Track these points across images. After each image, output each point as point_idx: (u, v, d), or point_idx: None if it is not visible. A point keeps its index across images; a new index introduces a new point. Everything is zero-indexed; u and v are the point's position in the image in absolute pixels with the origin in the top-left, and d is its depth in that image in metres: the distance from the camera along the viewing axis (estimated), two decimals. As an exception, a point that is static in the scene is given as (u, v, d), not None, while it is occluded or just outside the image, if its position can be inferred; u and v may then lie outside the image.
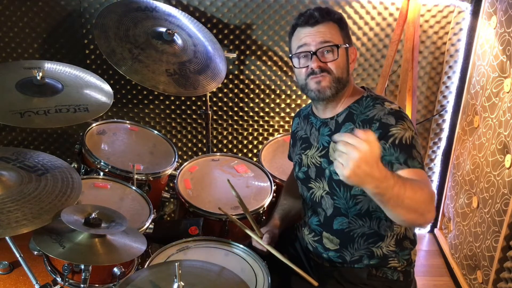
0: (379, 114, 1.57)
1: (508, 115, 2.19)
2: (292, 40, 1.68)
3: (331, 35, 1.61)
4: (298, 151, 1.81)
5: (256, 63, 2.93)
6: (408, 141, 1.51)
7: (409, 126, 1.55)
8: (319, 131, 1.73)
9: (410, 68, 2.61)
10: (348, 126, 1.64)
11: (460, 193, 2.68)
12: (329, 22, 1.62)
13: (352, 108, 1.66)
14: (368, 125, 1.57)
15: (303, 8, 2.78)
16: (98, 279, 1.86)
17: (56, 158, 1.95)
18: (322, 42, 1.60)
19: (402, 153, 1.50)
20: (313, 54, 1.60)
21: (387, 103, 1.62)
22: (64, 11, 2.81)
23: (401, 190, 1.29)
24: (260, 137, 3.14)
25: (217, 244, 1.90)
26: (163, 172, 2.36)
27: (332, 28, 1.62)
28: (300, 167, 1.79)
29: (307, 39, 1.61)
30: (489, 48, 2.45)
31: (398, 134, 1.52)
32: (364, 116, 1.61)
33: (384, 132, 1.53)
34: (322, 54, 1.60)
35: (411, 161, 1.49)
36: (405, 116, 1.58)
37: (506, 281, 2.19)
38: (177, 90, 2.38)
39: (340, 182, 1.63)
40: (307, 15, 1.62)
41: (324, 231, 1.73)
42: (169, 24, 2.56)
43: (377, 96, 1.67)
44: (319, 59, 1.60)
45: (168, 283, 1.48)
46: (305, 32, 1.62)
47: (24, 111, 2.01)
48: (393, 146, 1.51)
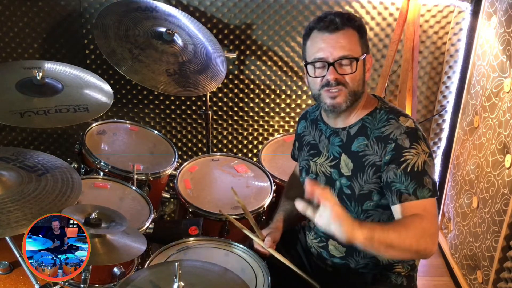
0: (395, 134, 1.54)
1: (508, 115, 2.19)
2: (308, 45, 1.59)
3: (350, 46, 1.54)
4: (305, 156, 1.77)
5: (256, 63, 2.93)
6: (420, 167, 1.50)
7: (423, 148, 1.52)
8: (329, 139, 1.68)
9: (410, 68, 2.61)
10: (361, 140, 1.60)
11: (460, 193, 2.68)
12: (349, 29, 1.54)
13: (365, 121, 1.61)
14: (383, 144, 1.55)
15: (303, 8, 2.78)
16: (98, 279, 1.86)
17: (56, 158, 1.95)
18: (341, 55, 1.53)
19: (413, 182, 1.49)
20: (330, 65, 1.53)
21: (402, 118, 1.57)
22: (64, 11, 2.81)
23: (382, 235, 1.36)
24: (260, 137, 3.14)
25: (217, 244, 1.90)
26: (163, 172, 2.36)
27: (351, 37, 1.55)
28: (308, 174, 1.75)
29: (325, 48, 1.53)
30: (489, 48, 2.45)
31: (410, 160, 1.50)
32: (378, 133, 1.57)
33: (397, 155, 1.51)
34: (339, 65, 1.53)
35: (420, 191, 1.49)
36: (420, 136, 1.55)
37: (506, 281, 2.19)
38: (177, 90, 2.38)
39: (351, 196, 1.62)
40: (327, 21, 1.53)
41: (331, 239, 1.72)
42: (169, 24, 2.56)
43: (391, 108, 1.62)
44: (336, 71, 1.53)
45: (168, 283, 1.47)
46: (323, 38, 1.54)
47: (24, 111, 2.01)
48: (404, 174, 1.50)
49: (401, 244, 1.39)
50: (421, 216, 1.46)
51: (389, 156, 1.53)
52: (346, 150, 1.63)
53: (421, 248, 1.42)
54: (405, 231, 1.40)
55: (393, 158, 1.52)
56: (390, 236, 1.37)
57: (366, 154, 1.58)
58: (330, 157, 1.67)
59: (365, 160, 1.58)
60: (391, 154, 1.52)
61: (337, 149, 1.65)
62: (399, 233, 1.39)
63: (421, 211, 1.47)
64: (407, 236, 1.39)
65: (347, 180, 1.62)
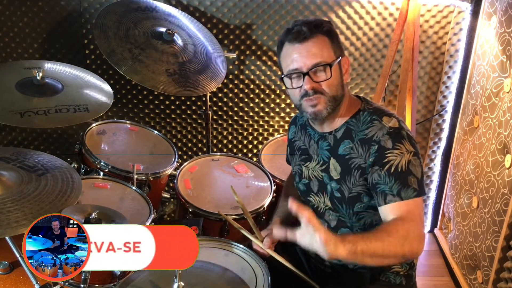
0: (377, 135, 1.54)
1: (508, 115, 2.19)
2: (281, 58, 1.60)
3: (322, 53, 1.53)
4: (297, 161, 1.78)
5: (256, 63, 2.93)
6: (404, 167, 1.50)
7: (407, 148, 1.51)
8: (318, 144, 1.70)
9: (410, 68, 2.61)
10: (347, 143, 1.60)
11: (460, 193, 2.68)
12: (319, 36, 1.54)
13: (349, 124, 1.62)
14: (367, 146, 1.55)
15: (303, 8, 2.78)
16: (98, 279, 1.86)
17: (56, 158, 1.95)
18: (314, 63, 1.53)
19: (397, 183, 1.49)
20: (305, 75, 1.53)
21: (385, 118, 1.57)
22: (64, 11, 2.81)
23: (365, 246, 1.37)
24: (260, 137, 3.14)
25: (217, 244, 1.89)
26: (163, 172, 2.36)
27: (322, 43, 1.54)
28: (301, 179, 1.76)
29: (298, 59, 1.54)
30: (489, 48, 2.45)
31: (394, 161, 1.50)
32: (362, 135, 1.58)
33: (380, 156, 1.51)
34: (314, 74, 1.53)
35: (405, 191, 1.49)
36: (404, 135, 1.54)
37: (506, 281, 2.19)
38: (177, 90, 2.38)
39: (342, 199, 1.62)
40: (295, 32, 1.53)
41: None
42: (169, 24, 2.56)
43: (375, 109, 1.62)
44: (312, 80, 1.53)
45: (168, 283, 1.48)
46: (295, 49, 1.54)
47: (24, 111, 2.01)
48: (388, 175, 1.50)
49: (385, 252, 1.41)
50: (403, 219, 1.47)
51: (372, 158, 1.53)
52: (334, 154, 1.63)
53: (406, 252, 1.44)
54: (388, 238, 1.41)
55: (376, 160, 1.52)
56: (373, 245, 1.39)
57: (352, 157, 1.58)
58: (320, 161, 1.68)
59: (351, 163, 1.58)
60: (374, 155, 1.52)
61: (326, 153, 1.66)
62: (382, 241, 1.40)
63: (406, 212, 1.48)
64: (390, 242, 1.41)
65: (337, 184, 1.63)
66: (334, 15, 2.79)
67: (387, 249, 1.41)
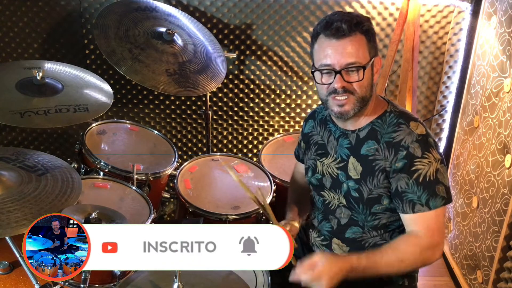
0: (406, 141, 1.52)
1: (508, 115, 2.19)
2: (315, 51, 1.55)
3: (358, 53, 1.49)
4: (312, 156, 1.75)
5: (256, 63, 2.93)
6: (433, 176, 1.50)
7: (435, 156, 1.51)
8: (337, 141, 1.66)
9: (410, 68, 2.61)
10: (371, 144, 1.58)
11: (460, 193, 2.68)
12: (357, 34, 1.49)
13: (375, 125, 1.59)
14: (394, 150, 1.53)
15: (303, 8, 2.78)
16: (98, 279, 1.86)
17: (56, 158, 1.95)
18: (348, 63, 1.49)
19: (425, 192, 1.50)
20: (337, 73, 1.50)
21: (413, 124, 1.55)
22: (64, 11, 2.81)
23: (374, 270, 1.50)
24: (260, 137, 3.14)
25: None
26: (163, 172, 2.36)
27: (359, 42, 1.50)
28: (314, 173, 1.73)
29: (332, 56, 1.49)
30: (489, 48, 2.45)
31: (422, 170, 1.50)
32: (388, 138, 1.55)
33: (409, 164, 1.51)
34: (347, 73, 1.50)
35: (433, 201, 1.50)
36: (432, 143, 1.53)
37: (506, 281, 2.19)
38: (177, 90, 2.38)
39: (359, 199, 1.61)
40: (334, 28, 1.48)
41: (335, 238, 1.71)
42: (169, 24, 2.56)
43: (401, 112, 1.60)
44: (343, 79, 1.50)
45: (168, 283, 1.48)
46: (330, 45, 1.49)
47: (24, 111, 2.01)
48: (417, 184, 1.50)
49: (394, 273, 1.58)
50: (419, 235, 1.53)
51: (400, 163, 1.52)
52: (355, 153, 1.61)
53: (419, 265, 1.57)
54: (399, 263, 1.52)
55: (404, 167, 1.51)
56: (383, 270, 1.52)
57: (376, 159, 1.56)
58: (338, 158, 1.65)
59: (375, 165, 1.57)
60: (403, 162, 1.51)
61: (345, 151, 1.64)
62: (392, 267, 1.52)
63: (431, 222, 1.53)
64: (400, 267, 1.54)
65: (355, 183, 1.61)
66: (334, 15, 2.79)
67: (396, 271, 1.55)
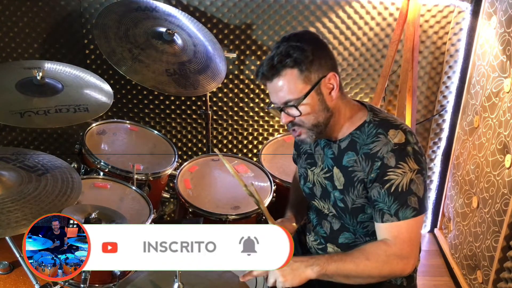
0: (382, 151, 1.50)
1: (508, 115, 2.19)
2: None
3: (289, 90, 1.47)
4: (303, 164, 1.75)
5: (256, 63, 2.93)
6: (405, 187, 1.47)
7: (410, 166, 1.48)
8: (323, 150, 1.67)
9: (410, 68, 2.61)
10: (351, 155, 1.57)
11: (460, 193, 2.68)
12: (285, 70, 1.46)
13: (354, 136, 1.58)
14: (370, 162, 1.51)
15: (303, 8, 2.78)
16: (98, 279, 1.86)
17: (56, 158, 1.95)
18: (283, 102, 1.50)
19: (395, 202, 1.48)
20: (281, 110, 1.53)
21: (392, 132, 1.52)
22: (64, 11, 2.81)
23: (337, 268, 1.47)
24: (260, 137, 3.14)
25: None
26: (163, 172, 2.36)
27: (289, 77, 1.47)
28: (305, 182, 1.74)
29: (271, 95, 1.53)
30: (489, 48, 2.45)
31: (395, 180, 1.48)
32: (367, 149, 1.53)
33: (382, 174, 1.49)
34: (287, 109, 1.52)
35: (403, 211, 1.48)
36: (409, 152, 1.49)
37: (506, 281, 2.19)
38: (177, 90, 2.38)
39: (345, 209, 1.61)
40: (260, 75, 1.51)
41: (329, 243, 1.71)
42: (169, 24, 2.56)
43: (381, 120, 1.56)
44: (288, 114, 1.52)
45: (168, 283, 1.48)
46: (268, 87, 1.53)
47: (24, 111, 2.01)
48: (388, 194, 1.48)
49: (359, 274, 1.48)
50: (388, 243, 1.50)
51: (374, 174, 1.51)
52: (338, 163, 1.61)
53: (385, 274, 1.51)
54: (364, 261, 1.47)
55: (377, 177, 1.50)
56: (346, 267, 1.47)
57: (355, 170, 1.56)
58: (325, 168, 1.66)
59: (354, 176, 1.56)
60: (376, 172, 1.50)
61: (330, 161, 1.64)
62: (356, 265, 1.47)
63: (399, 233, 1.50)
64: (366, 266, 1.47)
65: (340, 194, 1.61)
66: (334, 15, 2.79)
67: (361, 271, 1.48)
